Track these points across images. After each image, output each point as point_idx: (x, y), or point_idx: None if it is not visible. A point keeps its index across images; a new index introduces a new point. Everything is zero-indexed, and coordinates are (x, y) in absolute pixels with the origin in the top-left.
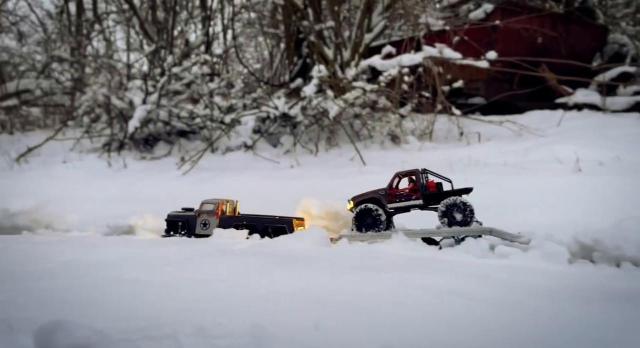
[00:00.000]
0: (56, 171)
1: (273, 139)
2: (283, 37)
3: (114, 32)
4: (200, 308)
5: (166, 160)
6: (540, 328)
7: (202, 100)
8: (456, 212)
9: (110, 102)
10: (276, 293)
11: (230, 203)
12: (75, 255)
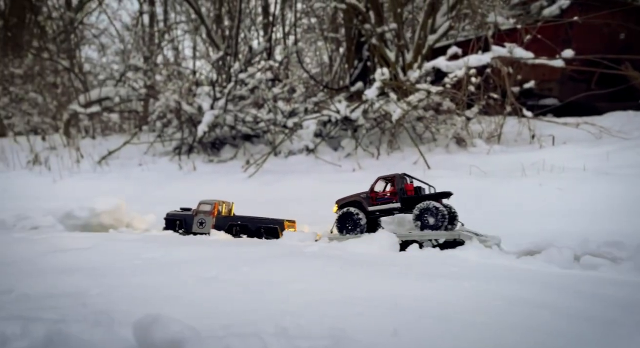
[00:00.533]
0: (133, 173)
1: (334, 143)
2: (343, 41)
3: (182, 41)
4: (279, 309)
5: (232, 163)
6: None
7: (266, 105)
8: (429, 216)
9: (181, 107)
10: (351, 297)
11: (226, 204)
12: (157, 253)
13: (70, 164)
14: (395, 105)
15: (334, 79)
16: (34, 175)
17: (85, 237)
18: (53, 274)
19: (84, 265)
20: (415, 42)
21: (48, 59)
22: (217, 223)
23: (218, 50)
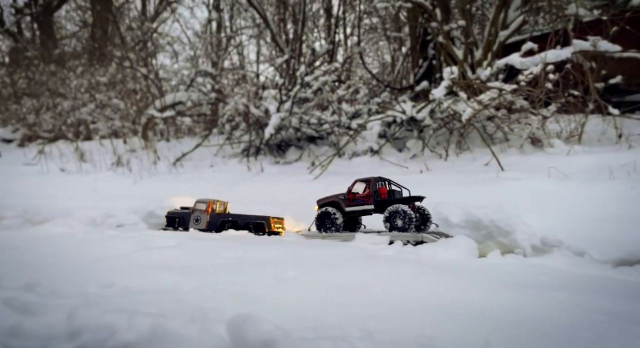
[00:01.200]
0: (205, 174)
1: (399, 144)
2: (406, 40)
3: (247, 45)
4: (362, 313)
5: (297, 164)
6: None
7: (331, 107)
8: (397, 219)
9: (249, 111)
10: (435, 304)
11: (221, 203)
12: (237, 252)
13: (148, 166)
14: (465, 104)
15: (397, 79)
16: (117, 176)
17: (168, 236)
18: (147, 270)
19: (173, 263)
20: (485, 39)
21: (129, 67)
22: (210, 220)
23: (282, 54)
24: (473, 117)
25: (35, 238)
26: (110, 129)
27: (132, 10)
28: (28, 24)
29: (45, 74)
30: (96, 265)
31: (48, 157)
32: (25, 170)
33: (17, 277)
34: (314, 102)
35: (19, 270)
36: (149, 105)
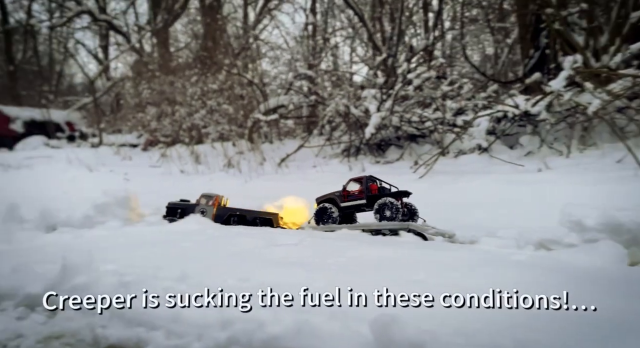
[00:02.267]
0: (309, 174)
1: (510, 140)
2: (512, 30)
3: (342, 46)
4: (509, 321)
5: (398, 164)
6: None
7: (434, 103)
8: (386, 210)
9: (349, 111)
10: (596, 318)
11: (223, 198)
12: (358, 251)
13: (255, 167)
14: (592, 95)
15: (501, 72)
16: (229, 176)
17: (289, 233)
18: (276, 266)
19: (299, 260)
20: (612, 22)
21: (236, 74)
22: (217, 213)
23: (380, 53)
24: (602, 109)
25: (175, 233)
26: (219, 133)
27: (235, 20)
28: (147, 40)
29: (164, 84)
30: (231, 260)
31: (169, 160)
32: (151, 171)
33: (171, 269)
34: (413, 100)
35: (171, 263)
36: (254, 109)
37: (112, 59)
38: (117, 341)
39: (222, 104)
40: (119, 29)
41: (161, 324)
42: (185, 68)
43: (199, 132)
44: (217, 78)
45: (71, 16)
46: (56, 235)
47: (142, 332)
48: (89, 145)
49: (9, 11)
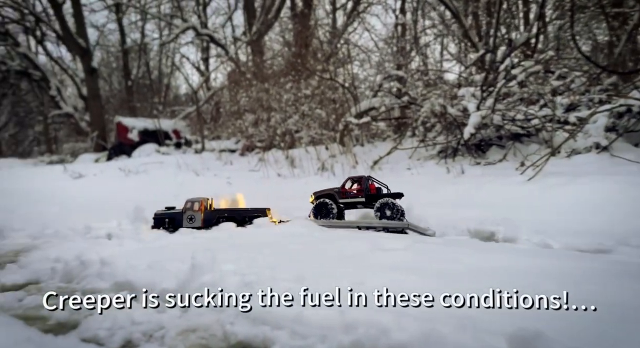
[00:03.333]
0: (403, 176)
1: (635, 138)
2: (632, 14)
3: (433, 44)
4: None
5: (501, 165)
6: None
7: (542, 99)
8: (387, 209)
9: (446, 111)
10: None
11: (208, 200)
12: (473, 259)
13: (348, 169)
14: None
15: (618, 62)
16: (323, 179)
17: (395, 238)
18: (389, 271)
19: (411, 265)
20: None
21: (329, 79)
22: (205, 217)
23: (476, 49)
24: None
25: (283, 235)
26: (310, 137)
27: (325, 26)
28: (243, 50)
29: (260, 91)
30: (342, 263)
31: (266, 164)
32: (251, 175)
33: (287, 271)
34: (517, 97)
35: (285, 264)
36: (345, 113)
37: (213, 70)
38: (245, 338)
39: (314, 108)
40: (219, 41)
41: (285, 324)
42: (280, 75)
43: (292, 137)
44: (310, 83)
45: (178, 33)
46: (177, 236)
47: (267, 330)
48: (193, 151)
49: (126, 32)
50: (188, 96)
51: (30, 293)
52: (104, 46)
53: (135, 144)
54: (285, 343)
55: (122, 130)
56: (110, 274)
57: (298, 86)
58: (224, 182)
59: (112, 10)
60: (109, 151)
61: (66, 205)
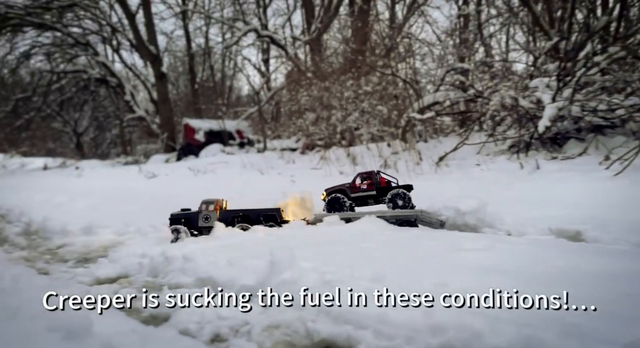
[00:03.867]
0: (472, 173)
1: None
2: None
3: (497, 34)
4: None
5: (581, 159)
6: None
7: (630, 87)
8: (399, 199)
9: (517, 103)
10: None
11: (223, 201)
12: (562, 261)
13: (412, 166)
14: None
15: None
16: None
17: (474, 238)
18: (472, 272)
19: (494, 266)
20: None
21: (390, 74)
22: (221, 217)
23: (548, 37)
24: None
25: (354, 234)
26: (371, 134)
27: (383, 21)
28: (302, 49)
29: (320, 90)
30: (421, 263)
31: (328, 162)
32: (313, 173)
33: (365, 269)
34: (597, 85)
35: (362, 263)
36: (407, 108)
37: (273, 71)
38: (328, 336)
39: (375, 105)
40: (279, 42)
41: (368, 324)
42: (339, 73)
43: (352, 134)
44: (370, 80)
45: (240, 35)
46: (250, 234)
47: (350, 329)
48: (255, 150)
49: (191, 38)
50: (250, 97)
51: (123, 286)
52: (172, 52)
53: (201, 144)
54: (370, 343)
55: (190, 131)
56: (193, 270)
57: (358, 83)
58: (288, 180)
59: (179, 17)
60: (178, 152)
61: (145, 203)
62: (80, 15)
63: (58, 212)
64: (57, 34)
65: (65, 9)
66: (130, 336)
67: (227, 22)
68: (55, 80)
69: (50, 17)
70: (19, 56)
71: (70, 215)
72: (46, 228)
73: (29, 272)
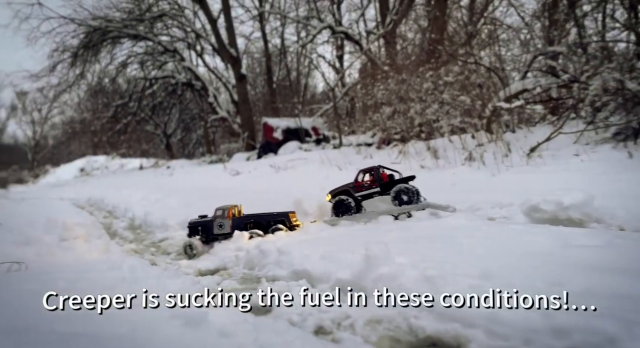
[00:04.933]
0: (571, 164)
1: None
2: None
3: (591, 14)
4: None
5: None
6: None
7: None
8: (403, 195)
9: (624, 86)
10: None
11: (236, 207)
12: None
13: (500, 158)
14: None
15: None
16: (472, 170)
17: (586, 233)
18: (588, 271)
19: (613, 265)
20: None
21: (473, 62)
22: (234, 223)
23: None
24: None
25: (448, 228)
26: (451, 126)
27: (462, 8)
28: (376, 43)
29: (398, 83)
30: (528, 260)
31: (408, 156)
32: (393, 167)
33: (468, 266)
34: None
35: (463, 259)
36: (492, 98)
37: (348, 67)
38: (435, 333)
39: (457, 95)
40: (353, 37)
41: (478, 323)
42: (417, 64)
43: (431, 127)
44: (451, 69)
45: (315, 33)
46: (339, 228)
47: (458, 327)
48: (331, 146)
49: (268, 39)
50: (324, 94)
51: (224, 278)
52: (250, 53)
53: (279, 142)
54: (483, 342)
55: (268, 130)
56: (288, 263)
57: (438, 73)
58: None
59: (256, 19)
60: (258, 150)
61: (232, 199)
62: (168, 24)
63: (156, 208)
64: (149, 43)
65: (156, 19)
66: (243, 325)
67: (302, 21)
68: (148, 86)
69: (143, 28)
70: (117, 66)
71: (167, 211)
72: (148, 222)
73: (142, 262)
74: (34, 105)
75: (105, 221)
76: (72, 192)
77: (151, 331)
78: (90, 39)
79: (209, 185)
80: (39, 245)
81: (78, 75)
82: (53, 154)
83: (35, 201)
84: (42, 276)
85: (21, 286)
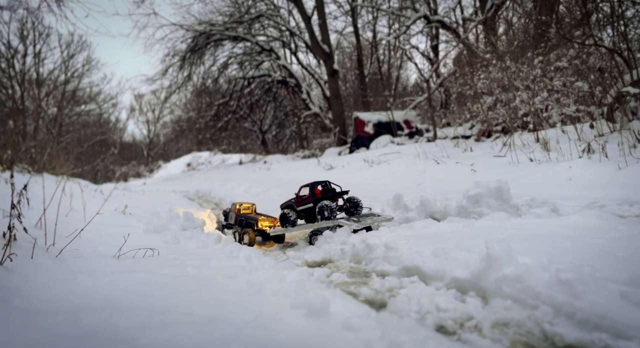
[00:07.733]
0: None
1: None
2: None
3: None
4: None
5: None
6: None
7: None
8: (325, 211)
9: None
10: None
11: (250, 205)
12: None
13: (627, 150)
14: None
15: None
16: (592, 163)
17: None
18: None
19: None
20: None
21: (593, 44)
22: (235, 219)
23: None
24: None
25: (568, 227)
26: (562, 115)
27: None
28: (473, 30)
29: (500, 71)
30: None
31: (514, 148)
32: (496, 161)
33: (612, 270)
34: None
35: (605, 262)
36: (616, 82)
37: (443, 58)
38: (577, 343)
39: (572, 82)
40: (450, 26)
41: (632, 334)
42: (524, 49)
43: (538, 117)
44: (565, 53)
45: (410, 23)
46: (445, 224)
47: (606, 338)
48: (425, 139)
49: (360, 33)
50: (416, 86)
51: (332, 270)
52: (341, 48)
53: (371, 136)
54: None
55: (360, 124)
56: (396, 258)
57: (547, 58)
58: (468, 169)
59: (349, 14)
60: (350, 144)
61: None
62: (264, 24)
63: (258, 201)
64: (247, 44)
65: (254, 20)
66: (367, 320)
67: (396, 12)
68: (246, 85)
69: (242, 29)
70: (219, 67)
71: (269, 204)
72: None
73: (257, 252)
74: (148, 106)
75: (215, 212)
76: (181, 185)
77: (275, 319)
78: (196, 43)
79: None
80: (165, 233)
81: (185, 77)
82: (164, 151)
83: (154, 193)
84: (172, 262)
85: (158, 270)
